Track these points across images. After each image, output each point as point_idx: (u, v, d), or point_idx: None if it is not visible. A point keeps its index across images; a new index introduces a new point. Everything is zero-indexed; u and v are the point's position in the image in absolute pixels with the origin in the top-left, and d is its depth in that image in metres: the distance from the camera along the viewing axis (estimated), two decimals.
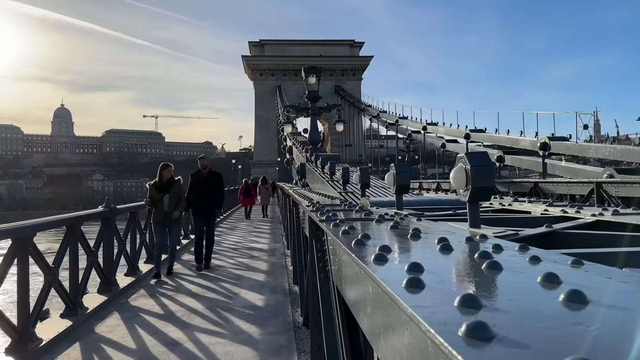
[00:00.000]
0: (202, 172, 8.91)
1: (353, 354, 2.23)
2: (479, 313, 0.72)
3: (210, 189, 8.83)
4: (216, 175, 9.10)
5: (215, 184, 8.93)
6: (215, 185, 8.92)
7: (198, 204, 8.78)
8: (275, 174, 48.48)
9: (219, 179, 9.13)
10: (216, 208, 9.08)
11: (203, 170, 8.93)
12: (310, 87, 18.34)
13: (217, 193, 8.95)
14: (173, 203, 8.02)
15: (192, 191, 8.72)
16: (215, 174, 9.10)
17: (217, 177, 9.09)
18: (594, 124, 50.21)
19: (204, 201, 8.77)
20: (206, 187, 8.79)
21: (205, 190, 8.77)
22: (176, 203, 8.07)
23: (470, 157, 2.00)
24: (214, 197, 8.90)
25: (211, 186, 8.85)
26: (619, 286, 0.92)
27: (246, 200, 21.82)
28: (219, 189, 9.07)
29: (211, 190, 8.84)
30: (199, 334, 5.09)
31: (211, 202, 8.85)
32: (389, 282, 0.93)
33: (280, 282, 7.72)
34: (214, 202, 8.91)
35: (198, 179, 8.86)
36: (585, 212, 2.95)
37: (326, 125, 58.52)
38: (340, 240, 1.64)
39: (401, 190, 3.56)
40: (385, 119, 43.27)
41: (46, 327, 5.12)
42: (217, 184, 8.98)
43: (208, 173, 8.94)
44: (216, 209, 9.12)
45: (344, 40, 72.80)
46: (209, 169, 9.01)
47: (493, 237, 1.75)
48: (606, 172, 12.61)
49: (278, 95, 54.40)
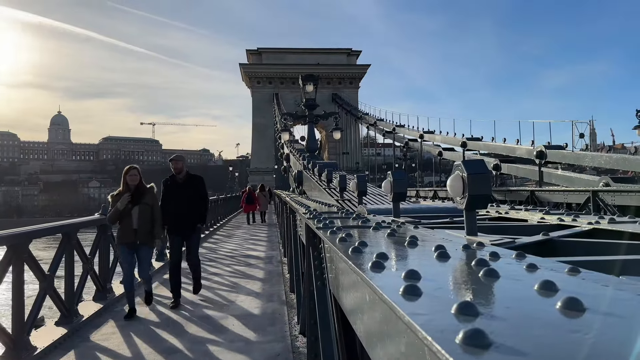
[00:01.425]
0: (178, 178, 6.83)
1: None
2: (476, 320, 0.72)
3: (189, 199, 6.77)
4: (196, 179, 7.00)
5: (196, 190, 6.90)
6: (196, 193, 6.89)
7: (175, 219, 6.66)
8: (272, 182, 48.47)
9: (201, 184, 7.04)
10: (200, 222, 6.96)
11: (178, 175, 6.84)
12: (307, 95, 18.39)
13: (199, 203, 6.89)
14: (145, 218, 6.16)
15: (166, 203, 6.64)
16: (195, 177, 7.01)
17: (198, 182, 6.99)
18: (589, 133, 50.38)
19: (183, 215, 6.69)
20: (184, 196, 6.73)
21: (184, 200, 6.70)
22: (149, 218, 6.21)
23: (467, 165, 2.00)
24: (196, 209, 6.85)
25: (191, 194, 6.81)
26: (616, 294, 0.92)
27: (248, 207, 22.84)
28: (202, 197, 7.00)
29: (191, 199, 6.79)
30: (195, 342, 5.06)
31: (192, 215, 6.80)
32: (386, 289, 0.93)
33: (277, 290, 7.70)
34: (196, 216, 6.86)
35: (172, 186, 6.79)
36: (582, 221, 2.96)
37: (323, 133, 58.63)
38: (337, 247, 1.64)
39: (398, 198, 3.56)
40: (382, 127, 43.43)
41: (41, 335, 5.08)
42: (198, 191, 6.94)
43: (185, 178, 6.85)
44: (199, 224, 6.98)
45: (341, 48, 73.04)
46: (186, 172, 6.91)
47: (490, 244, 1.75)
48: (602, 180, 12.66)
49: (275, 103, 54.54)
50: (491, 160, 18.93)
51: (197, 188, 6.94)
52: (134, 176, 6.20)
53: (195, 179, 6.99)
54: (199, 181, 7.05)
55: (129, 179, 6.18)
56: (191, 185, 6.89)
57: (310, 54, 69.13)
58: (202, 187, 7.06)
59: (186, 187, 6.83)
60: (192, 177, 6.99)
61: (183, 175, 6.88)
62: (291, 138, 24.86)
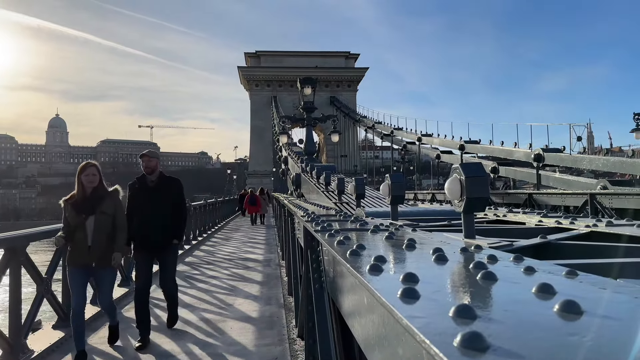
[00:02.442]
0: (148, 179, 5.42)
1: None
2: (474, 323, 0.72)
3: (162, 206, 5.33)
4: (172, 182, 5.57)
5: (171, 196, 5.46)
6: (171, 200, 5.45)
7: (143, 232, 5.24)
8: (270, 184, 48.49)
9: (177, 189, 5.58)
10: (175, 237, 5.50)
11: (149, 175, 5.42)
12: (305, 98, 18.43)
13: (175, 212, 5.45)
14: (103, 232, 4.67)
15: (133, 211, 5.25)
16: (171, 180, 5.59)
17: (174, 186, 5.55)
18: (587, 136, 50.47)
19: (154, 227, 5.26)
20: (156, 202, 5.31)
21: (155, 208, 5.29)
22: (109, 232, 4.74)
23: (465, 168, 2.01)
24: (172, 220, 5.41)
25: (164, 201, 5.37)
26: (613, 297, 0.92)
27: (251, 208, 24.05)
28: (179, 204, 5.53)
29: (165, 207, 5.35)
30: (193, 345, 5.04)
31: (166, 227, 5.33)
32: (384, 292, 0.93)
33: (275, 293, 7.69)
34: (171, 229, 5.41)
35: (141, 190, 5.38)
36: (580, 223, 2.96)
37: (321, 136, 58.65)
38: (336, 250, 1.64)
39: (396, 201, 3.56)
40: (381, 129, 43.45)
41: (38, 338, 5.07)
42: (174, 197, 5.49)
43: (158, 180, 5.44)
44: (175, 239, 5.51)
45: (339, 51, 73.18)
46: (159, 173, 5.49)
47: (488, 247, 1.75)
48: (600, 183, 12.70)
49: (274, 105, 54.56)
50: (489, 163, 18.96)
51: (172, 193, 5.50)
52: (91, 176, 4.72)
53: (171, 182, 5.56)
54: (176, 185, 5.59)
55: (85, 180, 4.71)
56: (165, 189, 5.44)
57: (309, 57, 69.25)
58: (179, 192, 5.60)
59: (159, 192, 5.38)
60: (168, 179, 5.56)
61: (155, 176, 5.44)
62: (289, 141, 24.90)
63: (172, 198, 5.48)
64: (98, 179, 4.81)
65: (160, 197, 5.38)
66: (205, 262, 11.30)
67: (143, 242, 5.34)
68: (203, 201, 19.36)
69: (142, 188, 5.42)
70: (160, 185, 5.44)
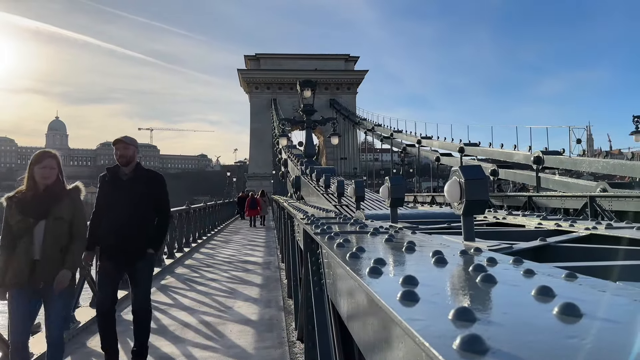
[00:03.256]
0: (122, 171, 4.38)
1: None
2: (473, 326, 0.72)
3: (138, 205, 4.28)
4: (152, 177, 4.49)
5: (150, 193, 4.37)
6: (150, 198, 4.36)
7: (112, 236, 4.20)
8: (270, 187, 48.43)
9: (159, 185, 4.49)
10: (153, 246, 4.37)
11: (124, 166, 4.37)
12: (305, 100, 18.45)
13: (156, 214, 4.42)
14: (56, 241, 3.60)
15: (101, 210, 4.31)
16: (151, 174, 4.52)
17: (155, 182, 4.47)
18: (587, 139, 50.57)
19: (126, 230, 4.19)
20: (130, 200, 4.25)
21: (129, 207, 4.23)
22: (64, 241, 3.66)
23: (464, 171, 2.01)
24: (149, 223, 4.36)
25: (142, 199, 4.30)
26: (613, 299, 0.92)
27: (251, 211, 24.55)
28: (161, 205, 4.46)
29: (141, 207, 4.29)
30: (192, 348, 5.04)
31: (141, 232, 4.27)
32: (384, 295, 0.93)
33: (275, 295, 7.68)
34: (149, 235, 4.34)
35: (113, 184, 4.36)
36: (579, 226, 2.96)
37: (321, 139, 58.65)
38: (335, 253, 1.64)
39: (396, 204, 3.56)
40: (380, 132, 43.45)
41: (37, 341, 5.05)
42: (154, 195, 4.40)
43: (134, 173, 4.38)
44: (152, 249, 4.37)
45: (339, 54, 73.23)
46: (136, 164, 4.42)
47: (487, 250, 1.75)
48: (599, 186, 12.69)
49: (273, 108, 54.58)
50: (489, 166, 18.97)
51: (152, 190, 4.38)
52: (48, 169, 3.68)
53: (151, 176, 4.47)
54: (157, 180, 4.49)
55: (39, 173, 3.67)
56: (143, 185, 4.34)
57: (308, 59, 69.30)
58: (161, 189, 4.48)
59: (135, 188, 4.29)
60: (147, 173, 4.49)
61: (132, 168, 4.37)
62: (289, 143, 24.89)
63: (151, 196, 4.36)
64: (56, 174, 3.72)
65: (137, 194, 4.28)
66: (205, 264, 11.30)
67: (111, 251, 4.22)
68: (203, 204, 19.39)
69: (114, 182, 4.35)
70: (136, 179, 4.35)
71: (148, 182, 4.43)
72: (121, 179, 4.36)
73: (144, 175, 4.45)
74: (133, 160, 4.40)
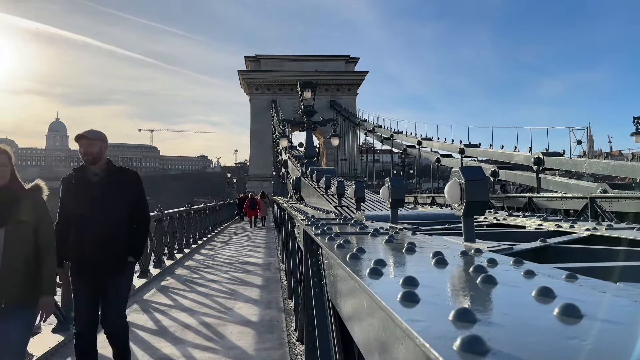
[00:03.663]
0: (91, 171, 3.78)
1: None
2: (473, 327, 0.72)
3: (112, 211, 3.69)
4: (127, 176, 3.92)
5: (126, 196, 3.80)
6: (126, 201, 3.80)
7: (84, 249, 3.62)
8: (270, 188, 48.45)
9: (136, 185, 3.92)
10: (133, 255, 3.85)
11: (91, 165, 3.77)
12: (305, 101, 18.46)
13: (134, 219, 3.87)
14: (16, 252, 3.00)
15: (69, 218, 3.70)
16: (125, 173, 3.96)
17: (130, 181, 3.90)
18: (587, 140, 50.56)
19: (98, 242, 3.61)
20: (103, 205, 3.67)
21: (101, 213, 3.65)
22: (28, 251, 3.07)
23: (465, 171, 2.01)
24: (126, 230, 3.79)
25: (115, 203, 3.72)
26: (613, 300, 0.92)
27: (251, 212, 25.04)
28: (139, 208, 3.90)
29: (115, 212, 3.71)
30: (193, 349, 5.04)
31: (117, 241, 3.70)
32: (384, 296, 0.93)
33: (275, 296, 7.68)
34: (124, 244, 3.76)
35: (82, 187, 3.74)
36: (580, 227, 2.96)
37: (321, 140, 58.64)
38: (335, 254, 1.63)
39: (396, 205, 3.56)
40: (381, 133, 43.49)
41: (37, 343, 5.05)
42: (131, 198, 3.85)
43: (105, 172, 3.80)
44: (131, 258, 3.86)
45: (339, 55, 73.24)
46: (106, 162, 3.85)
47: (488, 251, 1.75)
48: (600, 187, 12.68)
49: (274, 109, 54.61)
50: (489, 167, 18.97)
51: (127, 191, 3.79)
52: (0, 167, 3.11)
53: (126, 175, 3.88)
54: (132, 179, 3.89)
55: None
56: (117, 185, 3.74)
57: (309, 60, 69.33)
58: (138, 190, 3.89)
59: (108, 189, 3.70)
60: (120, 171, 3.89)
61: (101, 167, 3.77)
62: (289, 144, 24.91)
63: (127, 198, 3.76)
64: (9, 172, 3.17)
65: (109, 196, 3.67)
66: (205, 265, 11.30)
67: (82, 265, 3.60)
68: (203, 205, 19.41)
69: (82, 184, 3.71)
70: (109, 179, 3.74)
71: (122, 181, 3.83)
72: (90, 180, 3.74)
73: (117, 174, 3.84)
74: (101, 157, 3.79)
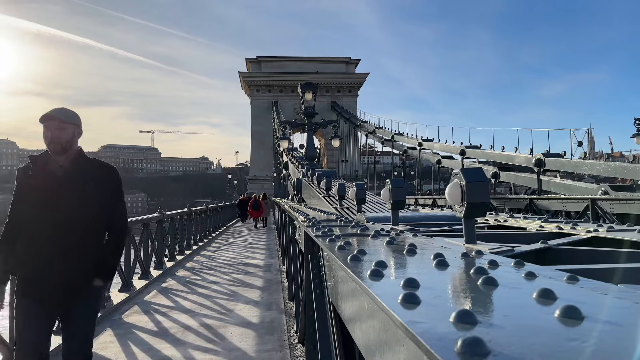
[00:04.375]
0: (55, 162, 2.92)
1: None
2: (474, 329, 0.72)
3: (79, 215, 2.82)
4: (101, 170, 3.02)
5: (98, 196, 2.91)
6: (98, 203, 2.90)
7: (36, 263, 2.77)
8: (271, 189, 48.41)
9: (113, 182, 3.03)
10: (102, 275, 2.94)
11: (58, 155, 2.91)
12: (306, 103, 18.47)
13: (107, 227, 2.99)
14: None
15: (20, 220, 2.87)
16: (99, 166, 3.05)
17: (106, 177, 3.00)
18: (588, 141, 50.42)
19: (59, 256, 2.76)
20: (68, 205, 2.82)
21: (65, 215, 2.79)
22: None
23: (466, 173, 2.01)
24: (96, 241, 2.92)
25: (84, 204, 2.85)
26: (614, 302, 0.92)
27: (254, 213, 25.83)
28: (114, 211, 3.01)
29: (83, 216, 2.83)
30: (193, 351, 5.03)
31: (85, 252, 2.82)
32: (385, 297, 0.93)
33: (276, 298, 7.67)
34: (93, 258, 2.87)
35: (42, 181, 2.88)
36: (581, 229, 2.96)
37: (322, 141, 58.65)
38: (336, 255, 1.63)
39: (397, 206, 3.56)
40: (381, 135, 43.50)
41: None
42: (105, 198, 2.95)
43: (75, 165, 2.93)
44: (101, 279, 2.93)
45: (340, 57, 73.25)
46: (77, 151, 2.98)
47: (489, 253, 1.75)
48: (601, 188, 12.68)
49: (274, 111, 54.62)
50: (490, 168, 18.97)
51: (100, 189, 2.95)
52: None
53: (101, 170, 3.03)
54: (108, 175, 3.04)
55: None
56: (89, 181, 2.92)
57: (310, 62, 69.35)
58: (115, 187, 3.06)
59: (75, 185, 2.88)
60: (93, 164, 3.03)
61: (70, 158, 2.95)
62: (290, 146, 24.92)
63: (99, 198, 2.92)
64: None
65: (76, 195, 2.85)
66: (206, 267, 11.30)
67: (34, 283, 2.80)
68: (204, 206, 19.42)
69: (43, 178, 2.89)
70: (77, 174, 2.91)
71: (95, 177, 2.94)
72: (54, 173, 2.89)
73: (89, 167, 2.97)
74: (72, 146, 2.94)
